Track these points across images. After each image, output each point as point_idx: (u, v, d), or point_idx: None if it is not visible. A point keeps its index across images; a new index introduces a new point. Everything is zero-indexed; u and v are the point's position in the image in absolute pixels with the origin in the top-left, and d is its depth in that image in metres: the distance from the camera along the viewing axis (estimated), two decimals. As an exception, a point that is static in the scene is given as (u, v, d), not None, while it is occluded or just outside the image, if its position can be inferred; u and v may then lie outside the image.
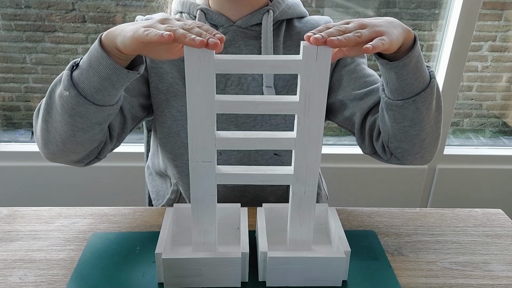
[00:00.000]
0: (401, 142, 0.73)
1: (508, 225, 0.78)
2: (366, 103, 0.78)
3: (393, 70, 0.65)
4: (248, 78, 0.83)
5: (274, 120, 0.84)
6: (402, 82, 0.66)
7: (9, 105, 1.72)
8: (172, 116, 0.84)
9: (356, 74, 0.82)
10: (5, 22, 1.56)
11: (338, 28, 0.57)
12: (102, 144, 0.74)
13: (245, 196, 0.88)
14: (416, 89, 0.67)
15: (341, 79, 0.83)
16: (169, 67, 0.83)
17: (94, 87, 0.63)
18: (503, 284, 0.64)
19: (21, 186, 1.66)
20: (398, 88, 0.67)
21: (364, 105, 0.78)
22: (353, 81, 0.82)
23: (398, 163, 0.78)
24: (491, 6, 1.64)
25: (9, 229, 0.74)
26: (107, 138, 0.75)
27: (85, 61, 0.64)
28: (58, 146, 0.69)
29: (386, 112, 0.71)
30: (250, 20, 0.83)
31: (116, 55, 0.62)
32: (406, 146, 0.73)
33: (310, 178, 0.60)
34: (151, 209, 0.81)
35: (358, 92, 0.80)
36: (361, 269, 0.66)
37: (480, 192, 1.77)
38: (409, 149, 0.73)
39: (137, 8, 1.58)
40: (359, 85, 0.81)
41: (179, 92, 0.83)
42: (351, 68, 0.83)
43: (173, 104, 0.83)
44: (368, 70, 0.84)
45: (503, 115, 1.86)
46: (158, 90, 0.83)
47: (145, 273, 0.64)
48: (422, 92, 0.67)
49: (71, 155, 0.71)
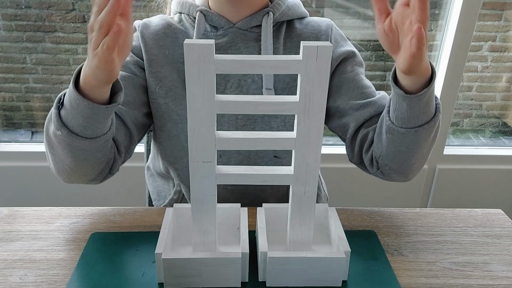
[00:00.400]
0: (391, 161, 0.76)
1: (508, 225, 0.78)
2: (361, 115, 0.80)
3: (406, 101, 0.67)
4: (248, 80, 0.83)
5: (274, 123, 0.84)
6: (411, 113, 0.68)
7: (9, 105, 1.72)
8: (172, 120, 0.84)
9: (354, 83, 0.83)
10: (6, 22, 1.56)
11: None
12: (112, 161, 0.77)
13: (245, 198, 0.88)
14: (421, 121, 0.69)
15: (339, 86, 0.84)
16: (168, 70, 0.83)
17: (81, 125, 0.66)
18: (503, 285, 0.64)
19: (21, 186, 1.66)
20: (405, 118, 0.69)
21: (359, 117, 0.80)
22: (351, 90, 0.83)
23: (381, 178, 0.82)
24: (491, 6, 1.64)
25: (9, 229, 0.74)
26: (115, 154, 0.77)
27: (67, 100, 0.66)
28: (68, 173, 0.73)
29: (385, 133, 0.73)
30: (250, 22, 0.83)
31: (92, 90, 0.64)
32: (395, 166, 0.76)
33: (310, 178, 0.60)
34: (151, 209, 0.81)
35: (355, 102, 0.81)
36: (361, 269, 0.66)
37: (480, 192, 1.77)
38: (396, 168, 0.77)
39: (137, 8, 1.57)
40: (356, 95, 0.82)
41: (179, 95, 0.83)
42: (350, 76, 0.84)
43: (172, 107, 0.83)
44: (366, 81, 0.85)
45: (503, 115, 1.86)
46: (157, 94, 0.83)
47: (145, 273, 0.64)
48: (426, 125, 0.69)
49: (83, 177, 0.75)
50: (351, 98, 0.82)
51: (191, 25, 0.85)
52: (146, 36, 0.83)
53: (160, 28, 0.84)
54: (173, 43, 0.84)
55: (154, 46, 0.83)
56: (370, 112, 0.80)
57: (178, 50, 0.83)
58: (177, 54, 0.83)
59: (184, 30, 0.85)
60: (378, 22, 0.64)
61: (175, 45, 0.83)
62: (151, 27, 0.84)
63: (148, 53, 0.83)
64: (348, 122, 0.82)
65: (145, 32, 0.83)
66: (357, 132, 0.82)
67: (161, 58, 0.83)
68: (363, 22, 1.64)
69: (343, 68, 0.85)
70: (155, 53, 0.83)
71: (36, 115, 1.74)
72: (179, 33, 0.84)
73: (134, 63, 0.83)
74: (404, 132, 0.70)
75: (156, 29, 0.84)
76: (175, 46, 0.83)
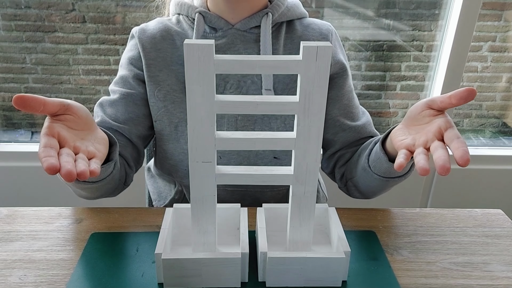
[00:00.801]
0: (359, 187, 0.84)
1: (508, 226, 0.78)
2: (346, 138, 0.86)
3: (387, 164, 0.72)
4: (248, 81, 0.83)
5: (274, 124, 0.84)
6: (388, 171, 0.74)
7: (9, 105, 1.72)
8: (171, 123, 0.84)
9: (347, 101, 0.87)
10: (5, 22, 1.56)
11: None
12: (124, 177, 0.83)
13: (245, 199, 0.88)
14: (394, 175, 0.75)
15: (333, 98, 0.86)
16: (166, 74, 0.83)
17: (84, 184, 0.70)
18: (503, 285, 0.64)
19: (21, 186, 1.66)
20: (381, 171, 0.75)
21: (343, 140, 0.86)
22: (343, 108, 0.86)
23: (345, 192, 0.90)
24: (491, 7, 1.64)
25: (9, 229, 0.74)
26: (126, 169, 0.83)
27: None
28: (88, 199, 0.79)
29: (360, 168, 0.80)
30: (249, 23, 0.82)
31: None
32: (361, 190, 0.85)
33: (310, 179, 0.60)
34: (151, 209, 0.81)
35: (344, 122, 0.86)
36: (361, 269, 0.66)
37: (480, 192, 1.77)
38: (361, 192, 0.85)
39: (137, 8, 1.58)
40: (346, 114, 0.86)
41: (177, 98, 0.83)
42: (345, 94, 0.87)
43: (171, 110, 0.83)
44: (356, 101, 0.89)
45: (503, 115, 1.86)
46: (156, 98, 0.83)
47: (145, 273, 0.64)
48: (397, 178, 0.76)
49: (101, 197, 0.80)
50: (341, 115, 0.86)
51: (189, 27, 0.85)
52: (143, 41, 0.83)
53: (157, 32, 0.84)
54: (171, 46, 0.84)
55: (152, 50, 0.83)
56: (355, 137, 0.86)
57: (176, 53, 0.83)
58: (175, 56, 0.83)
59: (182, 32, 0.85)
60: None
61: (172, 47, 0.83)
62: (148, 31, 0.84)
63: (146, 57, 0.83)
64: (332, 139, 0.87)
65: (142, 37, 0.84)
66: (337, 152, 0.88)
67: (159, 61, 0.83)
68: (363, 22, 1.64)
69: (340, 82, 0.86)
70: (152, 58, 0.83)
71: (36, 115, 1.74)
72: (176, 35, 0.84)
73: (133, 77, 0.84)
74: (377, 177, 0.76)
75: (153, 33, 0.84)
76: (172, 49, 0.83)
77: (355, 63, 1.69)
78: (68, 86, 1.67)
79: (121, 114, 0.82)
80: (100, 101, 0.85)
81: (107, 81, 1.66)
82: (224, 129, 0.84)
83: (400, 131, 0.65)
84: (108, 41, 1.61)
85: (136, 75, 0.84)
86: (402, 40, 1.67)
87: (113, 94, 0.84)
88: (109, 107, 0.83)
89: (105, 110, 0.83)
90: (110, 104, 0.83)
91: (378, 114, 1.80)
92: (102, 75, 1.65)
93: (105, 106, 0.84)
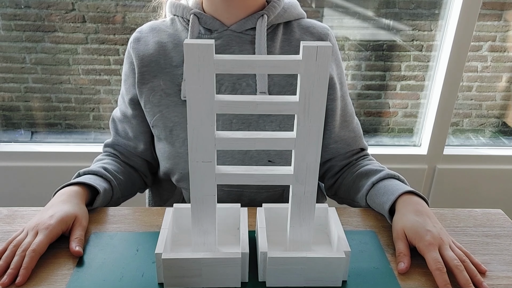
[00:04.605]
0: (347, 202, 0.90)
1: (508, 225, 0.78)
2: (336, 149, 0.89)
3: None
4: (242, 84, 0.82)
5: (269, 127, 0.83)
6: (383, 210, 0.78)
7: (9, 105, 1.72)
8: (166, 127, 0.84)
9: (342, 110, 0.88)
10: (5, 22, 1.56)
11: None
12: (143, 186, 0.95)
13: (241, 200, 0.88)
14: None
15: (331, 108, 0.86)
16: (160, 78, 0.83)
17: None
18: (503, 284, 0.64)
19: (21, 186, 1.66)
20: (376, 208, 0.80)
21: (334, 150, 0.89)
22: (337, 115, 0.88)
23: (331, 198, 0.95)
24: (490, 6, 1.64)
25: (9, 229, 0.74)
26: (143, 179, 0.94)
27: None
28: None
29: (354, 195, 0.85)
30: (245, 25, 0.81)
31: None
32: (347, 203, 0.90)
33: (310, 178, 0.60)
34: (151, 209, 0.81)
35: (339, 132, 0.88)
36: (361, 269, 0.66)
37: (480, 192, 1.77)
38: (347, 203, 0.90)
39: (137, 8, 1.58)
40: (340, 123, 0.88)
41: (171, 102, 0.83)
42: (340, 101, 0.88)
43: (166, 115, 0.83)
44: (350, 105, 0.91)
45: (503, 115, 1.86)
46: (151, 103, 0.84)
47: (145, 273, 0.64)
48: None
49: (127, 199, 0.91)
50: (335, 126, 0.88)
51: (184, 28, 0.84)
52: (138, 50, 0.85)
53: (150, 38, 0.85)
54: (164, 49, 0.83)
55: (145, 57, 0.84)
56: (345, 148, 0.89)
57: (169, 54, 0.83)
58: (168, 58, 0.83)
59: (175, 34, 0.85)
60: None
61: (165, 51, 0.83)
62: (142, 40, 0.85)
63: (139, 66, 0.84)
64: (324, 148, 0.88)
65: (136, 46, 0.85)
66: (327, 162, 0.91)
67: (152, 67, 0.83)
68: (362, 22, 1.64)
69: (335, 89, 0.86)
70: (146, 64, 0.83)
71: (36, 115, 1.74)
72: (168, 38, 0.84)
73: (129, 101, 0.87)
74: (367, 206, 0.82)
75: (147, 40, 0.85)
76: (165, 52, 0.83)
77: (355, 63, 1.69)
78: (68, 86, 1.67)
79: (129, 131, 0.90)
80: (112, 117, 0.94)
81: (107, 81, 1.66)
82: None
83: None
84: (108, 41, 1.61)
85: (130, 100, 0.87)
86: (402, 40, 1.67)
87: (119, 108, 0.92)
88: (120, 123, 0.91)
89: (116, 128, 0.92)
90: (120, 121, 0.91)
91: (378, 114, 1.80)
92: (102, 75, 1.64)
93: (116, 123, 0.92)
